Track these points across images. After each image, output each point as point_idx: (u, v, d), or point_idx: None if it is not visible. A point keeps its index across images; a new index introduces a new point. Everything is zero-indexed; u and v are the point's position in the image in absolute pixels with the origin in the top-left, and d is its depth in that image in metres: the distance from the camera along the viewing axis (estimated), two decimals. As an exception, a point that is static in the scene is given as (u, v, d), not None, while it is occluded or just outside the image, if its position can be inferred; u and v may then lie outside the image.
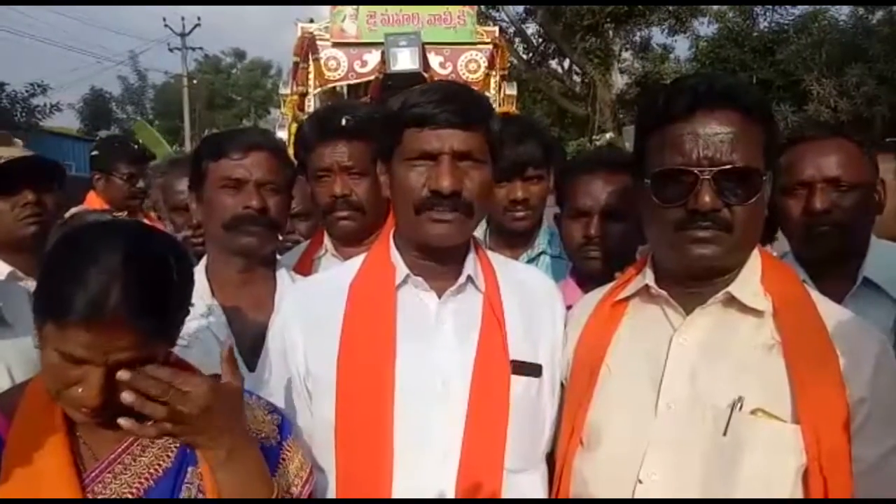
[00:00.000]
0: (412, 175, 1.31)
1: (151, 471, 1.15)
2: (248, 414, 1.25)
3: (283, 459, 1.25)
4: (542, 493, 1.38)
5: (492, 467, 1.28)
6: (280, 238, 1.93)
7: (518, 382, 1.34)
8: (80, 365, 1.04)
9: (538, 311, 1.44)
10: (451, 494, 1.26)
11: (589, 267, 1.81)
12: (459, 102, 1.31)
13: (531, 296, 1.45)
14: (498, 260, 1.49)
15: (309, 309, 1.41)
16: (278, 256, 1.88)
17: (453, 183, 1.29)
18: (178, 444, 1.17)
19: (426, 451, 1.29)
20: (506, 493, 1.28)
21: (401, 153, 1.33)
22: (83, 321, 1.00)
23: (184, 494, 1.14)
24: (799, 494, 1.13)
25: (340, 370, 1.32)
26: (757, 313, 1.24)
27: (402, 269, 1.37)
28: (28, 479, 1.08)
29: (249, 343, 1.67)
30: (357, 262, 1.45)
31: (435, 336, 1.34)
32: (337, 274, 1.48)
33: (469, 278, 1.38)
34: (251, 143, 1.68)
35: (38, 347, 1.17)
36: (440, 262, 1.37)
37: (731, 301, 1.24)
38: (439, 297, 1.37)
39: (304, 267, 2.04)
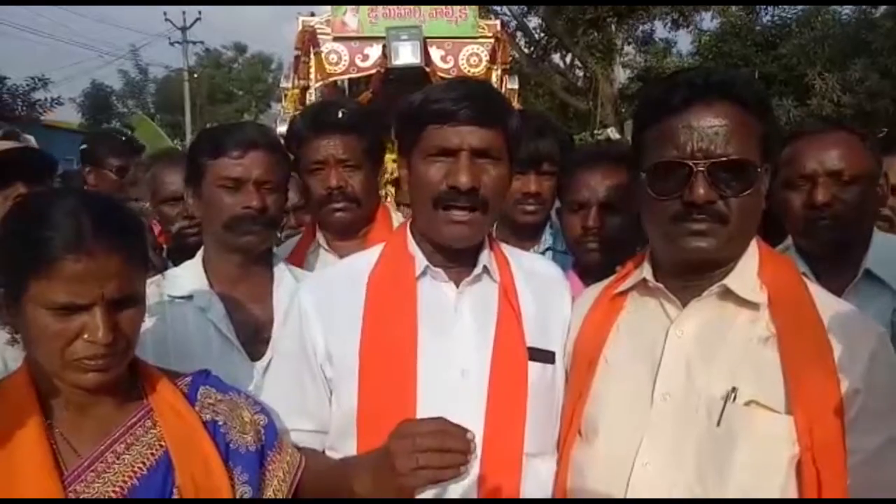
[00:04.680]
0: (431, 170, 1.34)
1: (135, 468, 1.13)
2: (234, 414, 1.25)
3: (268, 471, 1.25)
4: None
5: (512, 452, 1.31)
6: (279, 235, 1.95)
7: (534, 369, 1.36)
8: (78, 313, 1.05)
9: (550, 300, 1.47)
10: (472, 479, 1.28)
11: (588, 259, 1.83)
12: (480, 100, 1.33)
13: (543, 284, 1.48)
14: (510, 250, 1.51)
15: (327, 298, 1.43)
16: (275, 250, 1.89)
17: (471, 179, 1.31)
18: (162, 444, 1.16)
19: None
20: (525, 478, 1.31)
21: (421, 149, 1.35)
22: (70, 253, 1.03)
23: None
24: (792, 485, 1.14)
25: (363, 358, 1.34)
26: (753, 305, 1.24)
27: (421, 260, 1.39)
28: (5, 479, 1.05)
29: (250, 334, 1.69)
30: (373, 253, 1.47)
31: (454, 325, 1.37)
32: (353, 264, 1.50)
33: (485, 268, 1.41)
34: (249, 141, 1.68)
35: (12, 342, 1.15)
36: (456, 256, 1.40)
37: (727, 293, 1.25)
38: (457, 287, 1.39)
39: (297, 260, 2.05)
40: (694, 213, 1.19)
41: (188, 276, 1.72)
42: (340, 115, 1.95)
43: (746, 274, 1.26)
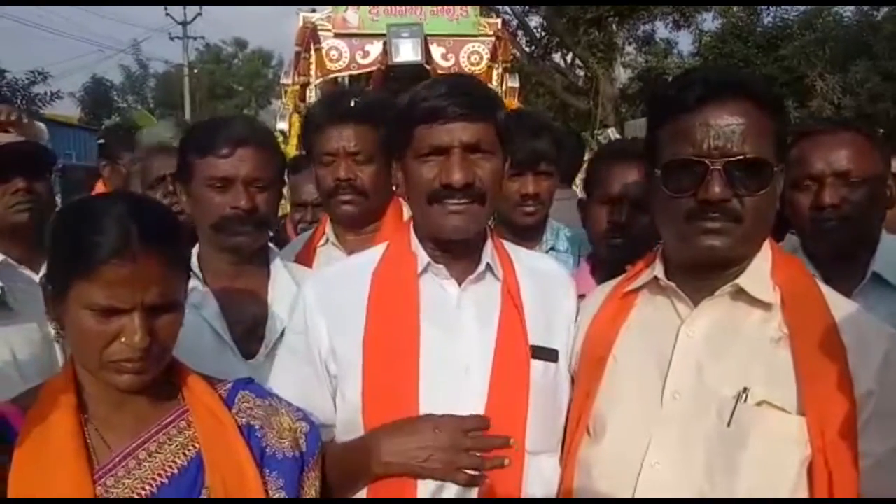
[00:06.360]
0: (424, 169, 1.33)
1: (166, 468, 1.13)
2: (271, 419, 1.24)
3: (306, 479, 1.23)
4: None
5: (513, 449, 1.30)
6: (270, 233, 1.91)
7: (537, 367, 1.36)
8: (117, 316, 1.07)
9: (554, 298, 1.46)
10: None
11: (611, 254, 1.82)
12: (466, 95, 1.32)
13: (546, 283, 1.47)
14: (513, 249, 1.50)
15: (331, 295, 1.43)
16: (273, 246, 1.86)
17: (465, 175, 1.30)
18: (195, 445, 1.16)
19: None
20: (527, 475, 1.30)
21: (412, 150, 1.35)
22: (115, 259, 1.06)
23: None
24: (803, 486, 1.13)
25: (367, 354, 1.34)
26: (765, 305, 1.23)
27: (423, 257, 1.39)
28: (38, 469, 1.06)
29: (244, 332, 1.66)
30: (377, 251, 1.47)
31: (456, 322, 1.36)
32: (357, 262, 1.50)
33: (488, 266, 1.40)
34: (237, 137, 1.63)
35: (57, 339, 1.16)
36: (458, 253, 1.39)
37: (740, 293, 1.24)
38: (459, 284, 1.39)
39: (307, 256, 2.04)
40: (708, 211, 1.18)
41: None
42: (353, 103, 1.90)
43: (759, 274, 1.25)
